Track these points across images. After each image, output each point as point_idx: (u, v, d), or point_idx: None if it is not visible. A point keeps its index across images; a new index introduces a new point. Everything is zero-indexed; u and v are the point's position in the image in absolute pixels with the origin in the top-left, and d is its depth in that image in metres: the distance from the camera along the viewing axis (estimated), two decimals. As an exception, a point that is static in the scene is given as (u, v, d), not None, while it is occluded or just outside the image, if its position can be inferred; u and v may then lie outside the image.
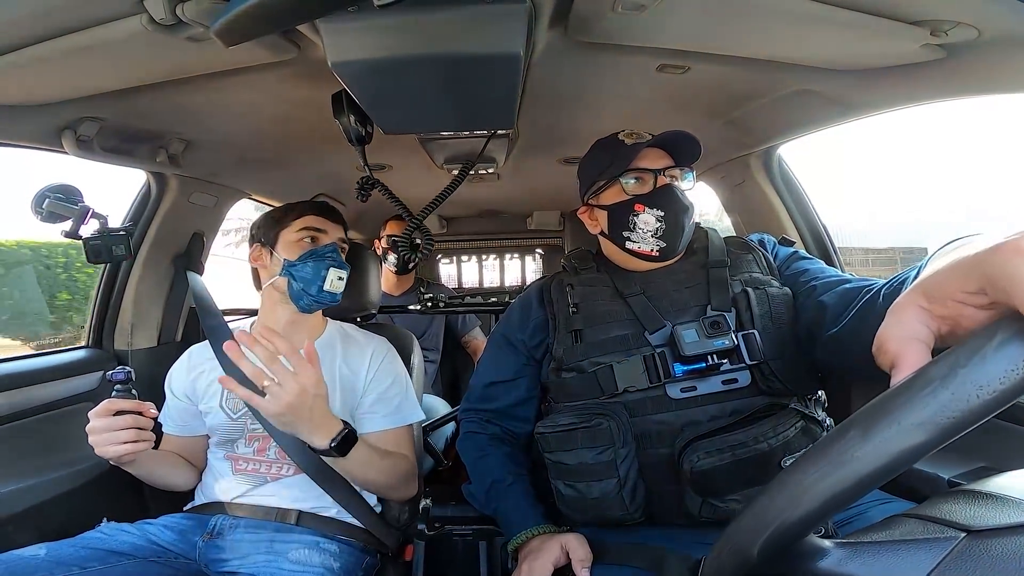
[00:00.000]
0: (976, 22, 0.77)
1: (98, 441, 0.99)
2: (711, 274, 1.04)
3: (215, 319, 1.39)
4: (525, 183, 2.22)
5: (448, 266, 3.56)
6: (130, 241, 1.31)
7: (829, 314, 0.88)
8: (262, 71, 0.99)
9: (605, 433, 0.92)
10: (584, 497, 0.94)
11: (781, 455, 0.86)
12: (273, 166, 1.69)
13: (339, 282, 1.15)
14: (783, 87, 1.16)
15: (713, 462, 0.86)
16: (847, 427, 0.35)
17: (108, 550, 1.02)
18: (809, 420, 0.90)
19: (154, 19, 0.74)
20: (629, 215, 1.04)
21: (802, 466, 0.37)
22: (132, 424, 0.99)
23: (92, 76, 0.94)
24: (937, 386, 0.32)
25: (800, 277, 1.01)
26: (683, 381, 0.95)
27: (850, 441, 0.34)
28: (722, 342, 0.93)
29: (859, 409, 0.35)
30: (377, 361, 1.24)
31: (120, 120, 1.19)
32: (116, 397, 1.01)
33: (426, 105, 1.04)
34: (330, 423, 0.99)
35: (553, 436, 0.96)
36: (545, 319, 1.11)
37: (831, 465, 0.35)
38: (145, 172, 1.55)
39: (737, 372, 0.95)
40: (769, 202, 1.70)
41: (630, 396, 0.96)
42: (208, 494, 1.20)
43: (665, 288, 1.05)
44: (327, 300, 1.16)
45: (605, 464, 0.92)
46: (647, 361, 0.96)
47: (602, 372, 0.98)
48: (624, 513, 0.93)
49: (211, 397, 1.21)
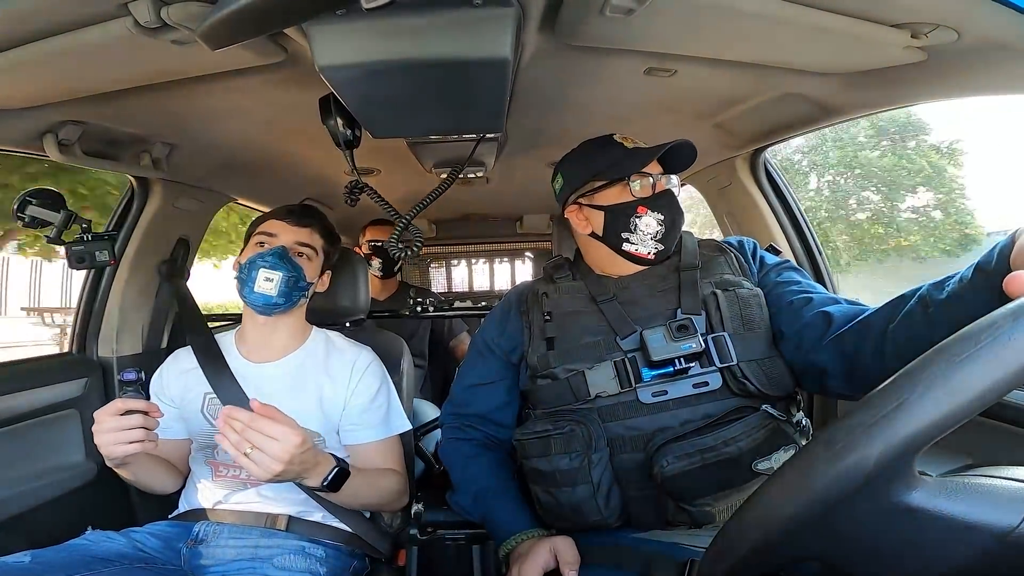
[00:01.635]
0: (956, 25, 0.78)
1: (106, 441, 0.97)
2: (683, 277, 1.04)
3: (200, 326, 1.38)
4: (514, 187, 2.22)
5: (438, 270, 3.55)
6: (114, 246, 1.29)
7: (814, 328, 0.91)
8: (248, 74, 0.98)
9: (578, 439, 0.93)
10: (560, 503, 0.94)
11: (752, 458, 0.86)
12: (260, 170, 1.68)
13: (266, 283, 1.12)
14: (768, 90, 1.17)
15: (683, 466, 0.87)
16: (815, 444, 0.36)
17: (93, 556, 1.01)
18: (782, 422, 0.90)
19: (139, 22, 0.73)
20: (631, 217, 1.04)
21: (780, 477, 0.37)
22: (142, 424, 0.98)
23: (75, 79, 0.93)
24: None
25: (791, 285, 1.02)
26: (653, 385, 0.95)
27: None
28: (689, 345, 0.93)
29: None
30: (360, 371, 1.22)
31: (103, 124, 1.17)
32: (126, 397, 0.99)
33: (415, 109, 1.04)
34: (321, 464, 0.98)
35: (529, 443, 0.97)
36: (521, 326, 1.11)
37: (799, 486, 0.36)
38: (129, 176, 1.53)
39: (707, 375, 0.95)
40: (755, 204, 1.72)
41: (602, 402, 0.96)
42: (191, 501, 1.19)
43: (638, 293, 1.05)
44: (259, 302, 1.14)
45: (579, 470, 0.92)
46: (617, 366, 0.97)
47: (574, 379, 0.98)
48: (600, 518, 0.93)
49: (192, 402, 1.20)
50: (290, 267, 1.15)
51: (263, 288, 1.13)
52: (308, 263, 1.20)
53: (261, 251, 1.15)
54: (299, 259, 1.19)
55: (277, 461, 0.89)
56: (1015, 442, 1.05)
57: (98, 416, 0.98)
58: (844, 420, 0.39)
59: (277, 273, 1.13)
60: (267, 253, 1.14)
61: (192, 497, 1.19)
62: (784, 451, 0.88)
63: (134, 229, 1.58)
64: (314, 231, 1.22)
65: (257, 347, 1.23)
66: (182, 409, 1.21)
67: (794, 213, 1.71)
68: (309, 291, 1.23)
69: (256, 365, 1.22)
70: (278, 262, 1.14)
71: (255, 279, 1.13)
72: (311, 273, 1.21)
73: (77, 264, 1.25)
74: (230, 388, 1.17)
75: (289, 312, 1.21)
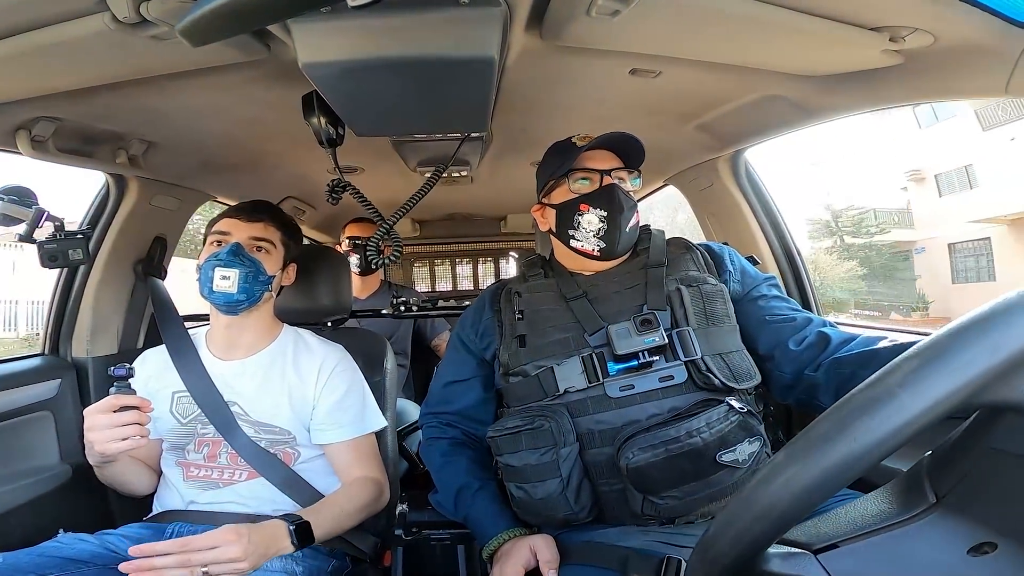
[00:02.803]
0: (932, 28, 0.80)
1: (99, 438, 0.95)
2: (649, 274, 1.06)
3: (175, 325, 1.35)
4: (498, 186, 2.22)
5: (421, 270, 3.53)
6: (88, 245, 1.26)
7: (835, 343, 0.98)
8: (230, 71, 0.96)
9: (547, 434, 0.93)
10: (532, 498, 0.95)
11: (716, 450, 0.87)
12: (240, 168, 1.65)
13: (223, 281, 1.11)
14: (750, 92, 1.19)
15: (647, 458, 0.88)
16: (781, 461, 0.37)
17: (66, 558, 0.99)
18: (746, 414, 0.92)
19: (117, 17, 0.71)
20: (574, 214, 1.07)
21: (744, 495, 0.38)
22: (136, 420, 0.96)
23: (51, 75, 0.90)
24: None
25: (783, 301, 1.08)
26: (620, 379, 0.97)
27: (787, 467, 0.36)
28: (652, 339, 0.95)
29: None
30: (328, 370, 1.21)
31: (78, 120, 1.14)
32: (119, 392, 0.97)
33: (399, 107, 1.03)
34: (277, 532, 0.98)
35: (501, 439, 0.98)
36: (494, 324, 1.13)
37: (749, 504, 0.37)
38: (104, 174, 1.50)
39: (672, 368, 0.96)
40: (736, 205, 1.74)
41: (571, 397, 0.97)
42: (163, 502, 1.17)
43: (607, 290, 1.07)
44: (220, 301, 1.13)
45: (548, 465, 0.93)
46: (585, 361, 0.98)
47: (544, 375, 1.00)
48: (570, 513, 0.94)
49: (162, 401, 1.18)
50: (246, 263, 1.14)
51: (221, 287, 1.11)
52: (267, 256, 1.19)
53: (216, 250, 1.14)
54: (256, 253, 1.17)
55: (236, 561, 0.89)
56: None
57: (90, 413, 0.96)
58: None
59: (233, 270, 1.12)
60: (221, 252, 1.13)
61: (165, 499, 1.17)
62: (749, 443, 0.90)
63: (109, 227, 1.54)
64: (268, 224, 1.21)
65: (226, 346, 1.22)
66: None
67: (773, 214, 1.74)
68: (273, 285, 1.21)
69: (226, 363, 1.20)
70: (232, 259, 1.12)
71: (212, 279, 1.12)
72: (271, 266, 1.19)
73: (49, 263, 1.22)
74: (204, 385, 1.16)
75: (255, 308, 1.19)
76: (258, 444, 1.14)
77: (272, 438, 1.16)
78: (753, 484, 0.38)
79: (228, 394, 1.17)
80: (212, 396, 1.15)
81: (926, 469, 0.40)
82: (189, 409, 1.16)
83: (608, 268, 1.11)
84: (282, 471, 1.14)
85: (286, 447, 1.17)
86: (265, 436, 1.16)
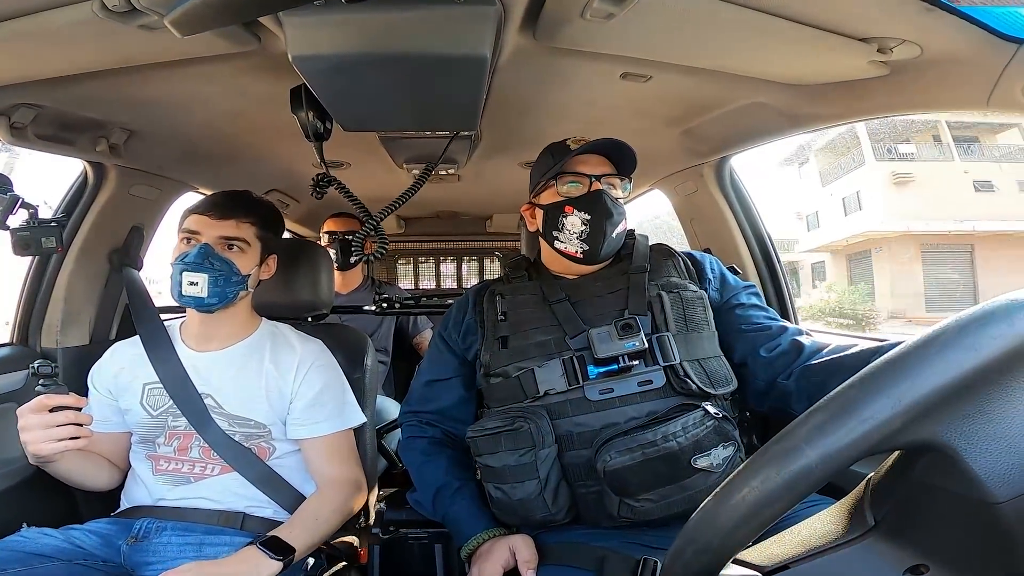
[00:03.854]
0: (920, 40, 0.82)
1: (33, 438, 0.92)
2: (631, 279, 1.08)
3: (150, 316, 1.32)
4: (485, 185, 2.22)
5: (405, 267, 3.51)
6: (62, 233, 1.22)
7: (807, 352, 0.99)
8: (218, 62, 0.95)
9: (526, 436, 0.94)
10: (509, 499, 0.95)
11: (692, 454, 0.89)
12: (224, 160, 1.62)
13: (191, 287, 1.07)
14: (737, 99, 1.21)
15: (624, 461, 0.89)
16: (752, 466, 0.38)
17: (29, 552, 0.97)
18: (720, 420, 0.93)
19: (106, 5, 0.70)
20: (560, 216, 1.08)
21: (712, 504, 0.39)
22: (71, 420, 0.93)
23: (35, 62, 0.88)
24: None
25: (760, 310, 1.10)
26: (600, 383, 0.98)
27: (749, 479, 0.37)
28: (632, 343, 0.96)
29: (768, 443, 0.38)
30: (306, 365, 1.19)
31: (60, 108, 1.12)
32: (48, 391, 0.94)
33: (389, 103, 1.03)
34: (247, 554, 0.96)
35: (480, 440, 0.98)
36: (475, 324, 1.13)
37: (728, 506, 0.38)
38: (82, 162, 1.46)
39: (651, 373, 0.98)
40: (720, 211, 1.76)
41: (551, 399, 0.98)
42: (131, 497, 1.15)
43: (589, 294, 1.08)
44: (191, 304, 1.10)
45: (526, 466, 0.93)
46: (566, 364, 0.99)
47: (524, 376, 1.00)
48: (547, 514, 0.95)
49: (132, 394, 1.16)
50: (215, 265, 1.09)
51: (190, 291, 1.07)
52: (240, 255, 1.14)
53: (185, 250, 1.10)
54: (228, 252, 1.12)
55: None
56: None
57: (22, 414, 0.93)
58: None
59: (201, 275, 1.07)
60: (189, 254, 1.08)
61: (133, 493, 1.15)
62: (723, 448, 0.91)
63: (85, 216, 1.50)
64: (241, 221, 1.14)
65: (201, 338, 1.19)
66: (120, 400, 1.17)
67: (756, 222, 1.76)
68: (249, 282, 1.17)
69: (200, 354, 1.18)
70: (200, 263, 1.07)
71: (181, 283, 1.08)
72: (245, 265, 1.14)
73: (22, 251, 1.18)
74: (177, 376, 1.14)
75: (231, 305, 1.16)
76: (232, 437, 1.12)
77: (247, 432, 1.14)
78: (695, 517, 0.40)
79: (202, 386, 1.14)
80: (185, 388, 1.13)
81: (867, 493, 0.42)
82: (160, 401, 1.14)
83: (591, 272, 1.12)
84: (257, 466, 1.13)
85: (261, 441, 1.15)
86: (240, 430, 1.13)
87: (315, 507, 1.10)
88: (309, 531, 1.05)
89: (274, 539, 0.98)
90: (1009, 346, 0.33)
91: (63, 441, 0.93)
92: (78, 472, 1.12)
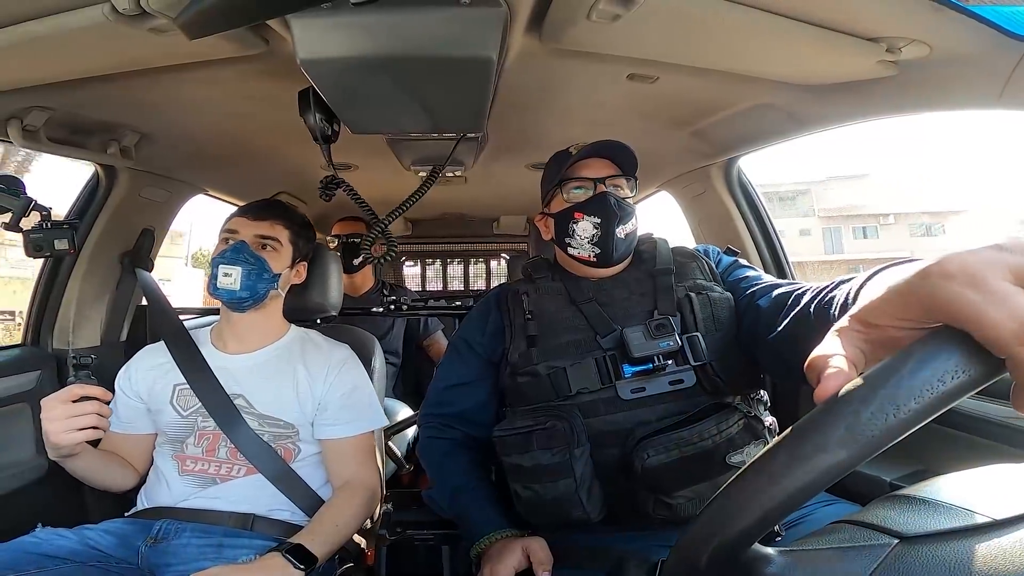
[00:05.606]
0: (928, 39, 0.81)
1: (57, 428, 0.94)
2: (658, 281, 1.08)
3: (169, 317, 1.34)
4: (492, 187, 2.22)
5: (413, 268, 3.51)
6: (74, 235, 1.24)
7: (764, 318, 0.92)
8: (227, 65, 0.96)
9: (560, 434, 0.94)
10: (542, 498, 0.95)
11: (725, 451, 0.90)
12: (233, 162, 1.64)
13: (226, 278, 1.13)
14: (745, 100, 1.20)
15: (661, 459, 0.89)
16: (778, 447, 0.36)
17: (43, 554, 0.97)
18: (751, 418, 0.94)
19: (117, 9, 0.71)
20: (570, 222, 1.09)
21: (740, 483, 0.38)
22: (95, 410, 0.95)
23: (47, 65, 0.90)
24: (857, 406, 0.33)
25: (741, 283, 1.07)
26: (632, 382, 0.98)
27: (781, 460, 0.35)
28: (667, 343, 0.97)
29: (788, 429, 0.37)
30: (337, 368, 1.22)
31: (71, 110, 1.13)
32: (82, 382, 0.96)
33: (396, 105, 1.03)
34: (270, 563, 0.96)
35: (509, 439, 0.98)
36: (502, 325, 1.13)
37: (765, 483, 0.36)
38: (94, 164, 1.47)
39: (682, 373, 0.99)
40: (728, 212, 1.75)
41: (583, 398, 0.99)
42: (152, 498, 1.15)
43: (615, 295, 1.09)
44: (224, 297, 1.15)
45: (561, 465, 0.93)
46: (598, 363, 1.00)
47: (556, 375, 1.00)
48: (582, 513, 0.94)
49: (161, 394, 1.18)
50: (249, 260, 1.15)
51: (224, 283, 1.13)
52: (273, 254, 1.20)
53: (223, 248, 1.17)
54: (262, 251, 1.19)
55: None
56: (961, 446, 1.11)
57: (48, 403, 0.95)
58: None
59: (235, 268, 1.14)
60: (226, 249, 1.15)
61: (154, 493, 1.15)
62: (755, 445, 0.92)
63: (97, 218, 1.52)
64: (276, 223, 1.22)
65: (233, 340, 1.23)
66: (150, 403, 1.19)
67: (765, 223, 1.75)
68: (280, 283, 1.21)
69: (232, 356, 1.21)
70: (236, 257, 1.14)
71: (217, 275, 1.14)
72: (277, 264, 1.20)
73: (35, 252, 1.21)
74: (204, 377, 1.16)
75: (262, 306, 1.21)
76: (261, 438, 1.14)
77: (276, 432, 1.16)
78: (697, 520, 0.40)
79: (233, 387, 1.17)
80: (213, 389, 1.15)
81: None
82: (190, 402, 1.16)
83: (614, 273, 1.12)
84: (280, 468, 1.14)
85: (288, 442, 1.17)
86: (269, 430, 1.15)
87: (335, 513, 1.11)
88: (329, 539, 1.06)
89: (299, 547, 0.98)
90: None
91: (83, 431, 0.95)
92: (98, 471, 1.13)
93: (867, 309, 0.38)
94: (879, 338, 0.38)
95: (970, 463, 0.47)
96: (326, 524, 1.08)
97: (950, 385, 0.31)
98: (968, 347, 0.31)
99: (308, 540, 1.01)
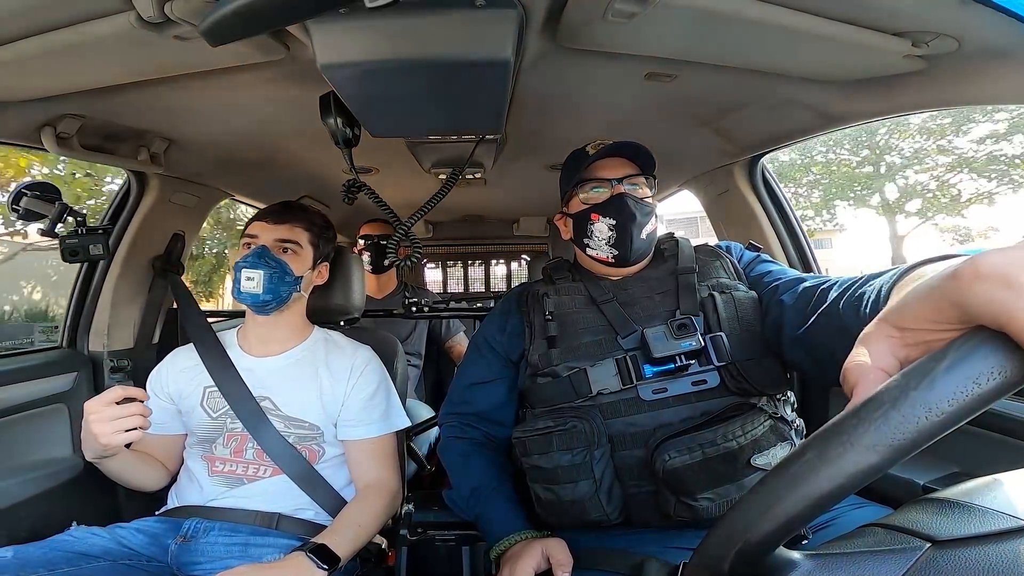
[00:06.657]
0: (957, 33, 0.79)
1: (105, 430, 0.96)
2: (680, 280, 1.07)
3: (199, 321, 1.38)
4: (512, 188, 2.22)
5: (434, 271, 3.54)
6: (108, 240, 1.28)
7: (789, 314, 0.90)
8: (249, 71, 0.98)
9: (580, 435, 0.93)
10: (561, 500, 0.94)
11: (750, 453, 0.88)
12: (257, 167, 1.67)
13: (248, 282, 1.15)
14: (768, 97, 1.18)
15: (684, 460, 0.88)
16: (805, 448, 0.35)
17: (77, 552, 1.00)
18: (777, 419, 0.92)
19: (142, 17, 0.73)
20: (587, 223, 1.08)
21: (765, 486, 0.37)
22: (138, 411, 0.98)
23: (76, 73, 0.92)
24: (888, 408, 0.32)
25: (764, 278, 1.04)
26: (654, 383, 0.97)
27: (808, 462, 0.35)
28: (689, 343, 0.96)
29: (816, 431, 0.36)
30: (360, 368, 1.24)
31: (102, 118, 1.17)
32: (123, 384, 0.99)
33: (415, 109, 1.04)
34: (293, 562, 0.97)
35: (529, 440, 0.98)
36: (522, 326, 1.12)
37: (790, 487, 0.35)
38: (126, 171, 1.52)
39: (706, 373, 0.97)
40: (752, 211, 1.72)
41: (604, 399, 0.98)
42: (183, 497, 1.19)
43: (636, 295, 1.07)
44: (248, 301, 1.17)
45: (581, 466, 0.93)
46: (619, 364, 0.99)
47: (576, 376, 0.99)
48: (602, 514, 0.94)
49: (191, 396, 1.21)
50: (270, 264, 1.17)
51: (247, 287, 1.15)
52: (294, 257, 1.22)
53: (245, 253, 1.19)
54: (283, 255, 1.20)
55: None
56: (998, 449, 1.07)
57: (92, 406, 0.97)
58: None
59: (257, 272, 1.16)
60: (248, 254, 1.17)
61: (184, 493, 1.19)
62: (780, 447, 0.90)
63: (129, 223, 1.57)
64: (295, 226, 1.23)
65: (258, 342, 1.26)
66: (180, 404, 1.22)
67: (790, 221, 1.71)
68: (302, 285, 1.23)
69: (258, 359, 1.24)
70: (257, 261, 1.16)
71: (240, 280, 1.16)
72: (299, 267, 1.22)
73: (70, 257, 1.24)
74: (231, 379, 1.19)
75: (287, 308, 1.23)
76: (286, 439, 1.16)
77: (301, 433, 1.18)
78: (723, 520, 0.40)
79: (260, 389, 1.19)
80: (240, 391, 1.18)
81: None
82: (219, 403, 1.19)
83: (635, 273, 1.12)
84: (305, 468, 1.16)
85: (312, 444, 1.19)
86: (294, 431, 1.18)
87: (357, 514, 1.13)
88: (352, 539, 1.07)
89: (322, 547, 1.00)
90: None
91: (130, 432, 0.97)
92: (133, 471, 1.17)
93: (899, 313, 0.37)
94: (913, 342, 0.37)
95: (1007, 465, 0.45)
96: (349, 524, 1.09)
97: (986, 387, 0.31)
98: (1005, 347, 0.30)
99: (331, 540, 1.02)
